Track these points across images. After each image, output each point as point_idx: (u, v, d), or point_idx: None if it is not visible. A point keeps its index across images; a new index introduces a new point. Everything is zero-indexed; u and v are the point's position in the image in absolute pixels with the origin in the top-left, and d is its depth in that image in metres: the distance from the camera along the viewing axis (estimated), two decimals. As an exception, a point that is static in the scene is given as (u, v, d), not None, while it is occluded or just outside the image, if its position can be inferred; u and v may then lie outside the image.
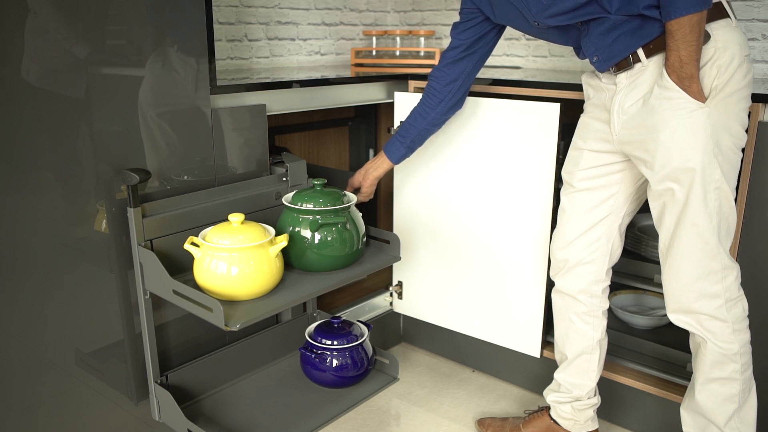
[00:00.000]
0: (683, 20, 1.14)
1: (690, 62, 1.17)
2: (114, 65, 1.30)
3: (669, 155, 1.24)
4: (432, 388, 2.00)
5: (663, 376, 1.70)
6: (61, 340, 1.33)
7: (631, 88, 1.29)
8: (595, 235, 1.47)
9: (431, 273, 2.02)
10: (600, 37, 1.28)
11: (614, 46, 1.27)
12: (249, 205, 1.54)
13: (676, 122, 1.21)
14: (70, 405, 1.37)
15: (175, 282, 1.26)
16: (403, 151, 1.69)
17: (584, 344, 1.55)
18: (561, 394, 1.61)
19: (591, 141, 1.42)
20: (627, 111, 1.30)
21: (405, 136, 1.67)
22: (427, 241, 1.99)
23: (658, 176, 1.27)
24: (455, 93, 1.59)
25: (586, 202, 1.46)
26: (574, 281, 1.52)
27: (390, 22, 2.78)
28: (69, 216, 1.29)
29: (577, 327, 1.54)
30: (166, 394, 1.40)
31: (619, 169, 1.42)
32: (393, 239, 1.54)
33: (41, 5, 1.18)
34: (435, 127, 1.66)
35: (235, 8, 2.18)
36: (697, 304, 1.29)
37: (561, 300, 1.57)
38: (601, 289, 1.52)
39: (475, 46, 1.55)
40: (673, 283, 1.32)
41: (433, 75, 1.60)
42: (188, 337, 1.55)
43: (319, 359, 1.54)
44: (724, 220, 1.26)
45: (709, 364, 1.32)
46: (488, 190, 1.81)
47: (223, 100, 1.53)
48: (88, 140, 1.29)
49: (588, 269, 1.50)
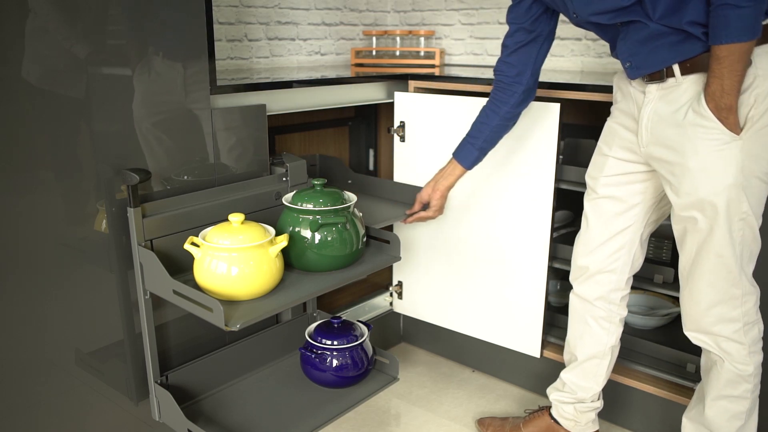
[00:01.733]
0: (734, 47, 1.08)
1: (732, 92, 1.12)
2: (114, 65, 1.30)
3: (696, 185, 1.20)
4: (432, 388, 2.00)
5: (663, 376, 1.70)
6: (61, 340, 1.33)
7: (661, 101, 1.24)
8: (617, 244, 1.45)
9: (431, 273, 2.02)
10: (637, 43, 1.24)
11: (650, 57, 1.22)
12: (249, 205, 1.54)
13: (707, 153, 1.17)
14: (70, 405, 1.37)
15: (175, 282, 1.26)
16: (476, 154, 1.59)
17: (597, 348, 1.54)
18: (565, 394, 1.61)
19: (616, 148, 1.39)
20: (656, 126, 1.26)
21: (476, 137, 1.57)
22: (427, 241, 1.99)
23: (683, 202, 1.24)
24: (526, 83, 1.49)
25: (609, 210, 1.44)
26: (593, 288, 1.51)
27: (390, 22, 2.78)
28: (69, 216, 1.29)
29: (592, 331, 1.53)
30: (166, 394, 1.40)
31: (642, 179, 1.39)
32: (393, 239, 1.54)
33: (41, 5, 1.18)
34: (509, 122, 1.55)
35: (235, 8, 2.18)
36: (715, 327, 1.28)
37: (579, 303, 1.56)
38: (620, 297, 1.51)
39: (535, 29, 1.44)
40: (693, 306, 1.30)
41: (498, 69, 1.51)
42: (188, 337, 1.55)
43: (319, 359, 1.54)
44: (747, 247, 1.24)
45: (723, 383, 1.32)
46: (488, 190, 1.81)
47: (223, 100, 1.52)
48: (88, 140, 1.29)
49: (608, 278, 1.48)
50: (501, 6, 2.42)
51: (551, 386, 1.66)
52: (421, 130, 1.93)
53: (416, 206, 1.72)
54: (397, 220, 1.77)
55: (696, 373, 1.68)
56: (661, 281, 1.68)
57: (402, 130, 1.97)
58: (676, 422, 1.67)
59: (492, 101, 1.54)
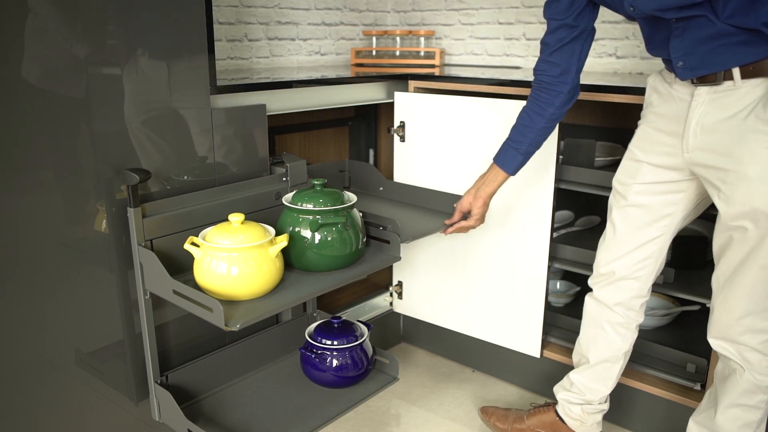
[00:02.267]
0: None
1: None
2: (114, 65, 1.30)
3: (752, 193, 1.16)
4: (432, 388, 2.00)
5: (663, 376, 1.70)
6: (61, 340, 1.33)
7: (714, 105, 1.19)
8: (645, 252, 1.41)
9: (431, 273, 2.02)
10: (695, 42, 1.17)
11: (709, 58, 1.16)
12: (249, 205, 1.54)
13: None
14: (70, 405, 1.37)
15: (175, 282, 1.26)
16: (520, 159, 1.50)
17: (610, 353, 1.52)
18: (572, 394, 1.59)
19: (653, 155, 1.34)
20: (708, 131, 1.20)
21: (520, 141, 1.48)
22: (427, 240, 1.99)
23: (734, 211, 1.19)
24: (571, 81, 1.41)
25: (639, 219, 1.39)
26: (614, 294, 1.48)
27: (390, 22, 2.78)
28: (69, 216, 1.29)
29: (608, 336, 1.51)
30: (166, 394, 1.40)
31: (678, 189, 1.34)
32: (393, 239, 1.54)
33: (41, 5, 1.18)
34: (554, 124, 1.47)
35: (235, 8, 2.18)
36: (743, 336, 1.26)
37: (596, 307, 1.53)
38: (640, 304, 1.49)
39: (578, 24, 1.36)
40: (724, 314, 1.28)
41: (540, 68, 1.43)
42: (188, 337, 1.55)
43: (319, 359, 1.54)
44: None
45: (739, 392, 1.30)
46: (488, 190, 1.81)
47: (223, 100, 1.52)
48: (88, 140, 1.29)
49: (632, 284, 1.45)
50: (501, 6, 2.42)
51: (558, 384, 1.65)
52: (421, 130, 1.93)
53: (456, 216, 1.63)
54: (434, 232, 1.68)
55: (696, 373, 1.68)
56: (661, 281, 1.68)
57: (402, 130, 1.97)
58: (675, 422, 1.67)
59: (535, 103, 1.45)
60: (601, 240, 1.50)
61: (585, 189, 1.75)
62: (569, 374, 1.61)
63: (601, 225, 2.13)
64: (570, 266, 1.82)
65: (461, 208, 1.61)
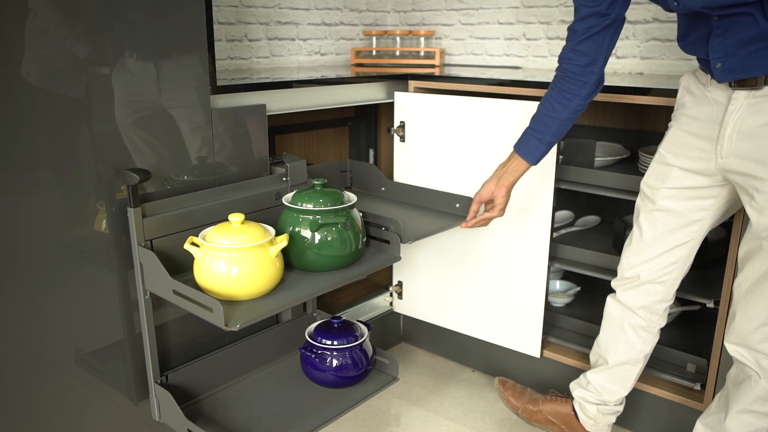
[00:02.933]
0: None
1: None
2: (114, 65, 1.30)
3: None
4: (432, 388, 2.00)
5: (663, 376, 1.70)
6: (61, 340, 1.33)
7: (752, 111, 1.15)
8: (671, 258, 1.39)
9: (431, 273, 2.02)
10: (737, 44, 1.12)
11: (750, 60, 1.12)
12: (249, 205, 1.54)
13: None
14: (70, 405, 1.37)
15: (175, 282, 1.26)
16: (542, 149, 1.45)
17: (630, 356, 1.50)
18: (589, 393, 1.58)
19: (684, 159, 1.30)
20: (745, 137, 1.17)
21: (543, 132, 1.43)
22: (427, 241, 1.99)
23: (766, 222, 1.16)
24: (598, 72, 1.36)
25: (668, 224, 1.36)
26: (639, 297, 1.46)
27: (390, 22, 2.78)
28: (69, 216, 1.29)
29: (629, 338, 1.49)
30: (166, 394, 1.40)
31: (709, 195, 1.30)
32: (393, 239, 1.54)
33: (41, 5, 1.18)
34: (577, 115, 1.42)
35: (235, 8, 2.18)
36: (761, 345, 1.25)
37: (618, 309, 1.51)
38: (664, 308, 1.47)
39: (610, 12, 1.29)
40: (745, 322, 1.26)
41: (566, 56, 1.37)
42: (188, 337, 1.55)
43: (319, 359, 1.54)
44: None
45: (753, 398, 1.28)
46: (488, 190, 1.81)
47: (223, 100, 1.52)
48: (88, 140, 1.29)
49: (657, 289, 1.43)
50: (501, 6, 2.42)
51: (575, 382, 1.63)
52: (421, 130, 1.93)
53: (475, 206, 1.58)
54: (436, 232, 1.68)
55: (696, 374, 1.68)
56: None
57: (402, 130, 1.97)
58: (675, 422, 1.67)
59: (560, 92, 1.40)
60: (627, 243, 1.47)
61: (585, 189, 1.75)
62: (586, 373, 1.59)
63: (601, 225, 2.14)
64: (570, 266, 1.82)
65: (480, 198, 1.55)
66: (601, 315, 1.56)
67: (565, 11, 2.26)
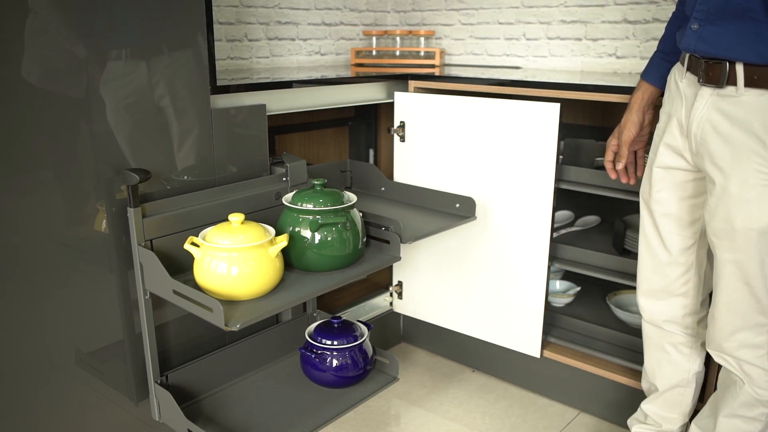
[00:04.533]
0: None
1: None
2: (114, 65, 1.30)
3: (732, 214, 1.14)
4: (432, 388, 2.00)
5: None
6: (61, 340, 1.33)
7: (715, 110, 1.16)
8: (682, 267, 1.36)
9: (431, 273, 2.02)
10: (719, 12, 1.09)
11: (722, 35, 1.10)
12: (249, 205, 1.54)
13: (756, 184, 1.10)
14: (70, 405, 1.37)
15: (175, 282, 1.26)
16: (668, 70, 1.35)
17: (678, 377, 1.45)
18: (648, 427, 1.52)
19: (662, 158, 1.31)
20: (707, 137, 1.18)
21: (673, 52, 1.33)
22: (427, 241, 1.99)
23: (715, 227, 1.18)
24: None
25: (668, 229, 1.35)
26: (662, 311, 1.42)
27: (390, 22, 2.78)
28: (69, 216, 1.29)
29: (671, 358, 1.44)
30: (166, 394, 1.40)
31: (701, 191, 1.29)
32: (393, 239, 1.54)
33: (41, 5, 1.18)
34: None
35: (235, 8, 2.18)
36: (739, 351, 1.24)
37: (651, 329, 1.47)
38: (697, 320, 1.41)
39: None
40: (717, 330, 1.25)
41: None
42: (188, 337, 1.55)
43: (319, 359, 1.54)
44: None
45: (739, 403, 1.28)
46: (488, 190, 1.81)
47: (223, 100, 1.52)
48: (88, 140, 1.29)
49: (680, 302, 1.39)
50: (501, 6, 2.42)
51: (632, 417, 1.56)
52: (421, 130, 1.93)
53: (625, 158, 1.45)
54: (436, 232, 1.67)
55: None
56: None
57: (402, 130, 1.97)
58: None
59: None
60: (639, 258, 1.44)
61: (585, 189, 1.75)
62: (641, 405, 1.54)
63: (601, 225, 2.14)
64: (570, 266, 1.82)
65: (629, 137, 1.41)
66: (601, 315, 1.56)
67: (565, 11, 2.26)
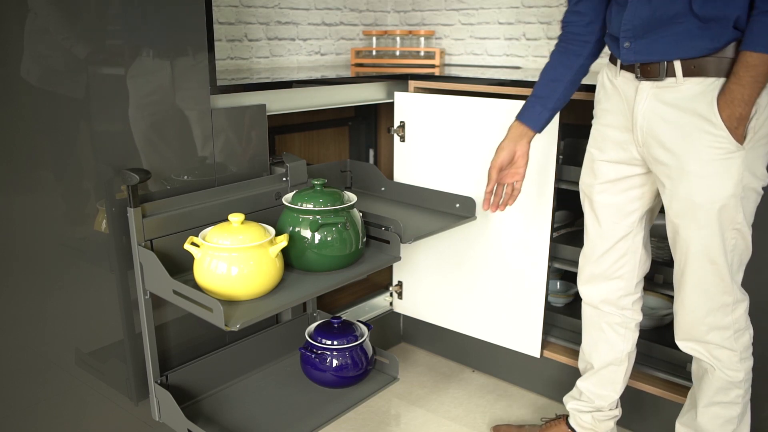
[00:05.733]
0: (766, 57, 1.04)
1: (750, 103, 1.09)
2: (114, 65, 1.30)
3: (693, 191, 1.18)
4: (432, 388, 2.00)
5: (662, 376, 1.70)
6: (61, 340, 1.33)
7: (657, 101, 1.20)
8: (619, 252, 1.42)
9: (431, 273, 2.02)
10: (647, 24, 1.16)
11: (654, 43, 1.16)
12: (249, 205, 1.54)
13: (710, 160, 1.14)
14: (70, 405, 1.37)
15: (175, 282, 1.26)
16: (547, 115, 1.43)
17: (613, 355, 1.51)
18: (582, 403, 1.58)
19: (608, 151, 1.35)
20: (653, 127, 1.22)
21: (548, 97, 1.42)
22: (427, 241, 1.99)
23: (678, 207, 1.22)
24: (597, 33, 1.37)
25: (607, 219, 1.40)
26: (600, 293, 1.48)
27: (390, 22, 2.78)
28: (69, 216, 1.29)
29: (607, 337, 1.50)
30: (166, 394, 1.40)
31: (640, 184, 1.34)
32: (393, 239, 1.54)
33: (41, 5, 1.18)
34: (581, 78, 1.43)
35: (235, 8, 2.18)
36: (708, 335, 1.28)
37: (590, 310, 1.53)
38: (632, 302, 1.47)
39: None
40: (686, 315, 1.29)
41: (568, 19, 1.40)
42: (188, 337, 1.55)
43: (319, 359, 1.54)
44: (739, 255, 1.23)
45: (714, 390, 1.31)
46: (488, 190, 1.81)
47: (223, 100, 1.52)
48: (88, 140, 1.29)
49: (616, 284, 1.45)
50: (501, 6, 2.42)
51: (568, 395, 1.63)
52: (421, 130, 1.93)
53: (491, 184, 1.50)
54: (436, 232, 1.68)
55: (696, 373, 1.68)
56: (661, 281, 1.68)
57: (402, 130, 1.97)
58: (674, 422, 1.67)
59: (563, 55, 1.41)
60: (582, 250, 1.51)
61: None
62: (577, 382, 1.60)
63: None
64: (570, 266, 1.82)
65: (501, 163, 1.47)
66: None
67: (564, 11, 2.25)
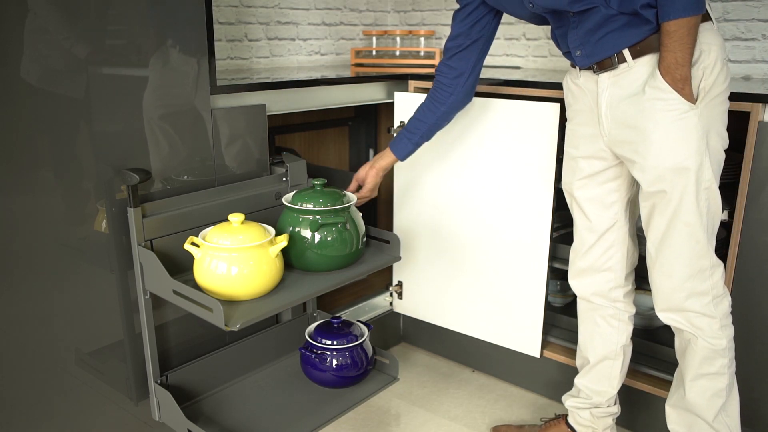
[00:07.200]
0: (682, 21, 1.15)
1: (685, 64, 1.18)
2: (114, 65, 1.30)
3: (661, 156, 1.24)
4: (432, 388, 2.00)
5: (661, 376, 1.70)
6: (61, 340, 1.33)
7: (616, 87, 1.28)
8: (605, 244, 1.47)
9: (431, 273, 2.02)
10: (588, 32, 1.27)
11: (601, 44, 1.26)
12: (249, 205, 1.54)
13: (668, 123, 1.21)
14: (70, 405, 1.37)
15: (175, 282, 1.26)
16: (410, 148, 1.65)
17: (608, 349, 1.53)
18: (580, 400, 1.59)
19: (582, 148, 1.41)
20: (615, 110, 1.30)
21: (413, 132, 1.63)
22: (427, 241, 1.99)
23: (650, 177, 1.27)
24: (464, 86, 1.55)
25: (591, 212, 1.45)
26: (591, 285, 1.51)
27: (390, 22, 2.78)
28: (69, 216, 1.29)
29: (602, 330, 1.53)
30: (166, 394, 1.40)
31: (615, 176, 1.41)
32: (393, 239, 1.54)
33: (41, 5, 1.18)
34: (444, 122, 1.63)
35: (235, 8, 2.18)
36: (687, 302, 1.31)
37: (583, 304, 1.56)
38: (623, 294, 1.51)
39: (475, 33, 1.50)
40: (665, 282, 1.33)
41: (440, 69, 1.57)
42: (188, 337, 1.55)
43: (319, 359, 1.54)
44: (712, 218, 1.27)
45: (698, 361, 1.33)
46: (488, 190, 1.81)
47: (223, 100, 1.52)
48: (88, 140, 1.29)
49: (605, 276, 1.49)
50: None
51: (566, 394, 1.64)
52: (421, 130, 1.93)
53: (353, 185, 1.70)
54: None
55: (696, 373, 1.68)
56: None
57: (402, 130, 1.97)
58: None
59: (431, 100, 1.59)
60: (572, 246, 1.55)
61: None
62: (575, 380, 1.61)
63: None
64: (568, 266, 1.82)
65: (357, 178, 1.70)
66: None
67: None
